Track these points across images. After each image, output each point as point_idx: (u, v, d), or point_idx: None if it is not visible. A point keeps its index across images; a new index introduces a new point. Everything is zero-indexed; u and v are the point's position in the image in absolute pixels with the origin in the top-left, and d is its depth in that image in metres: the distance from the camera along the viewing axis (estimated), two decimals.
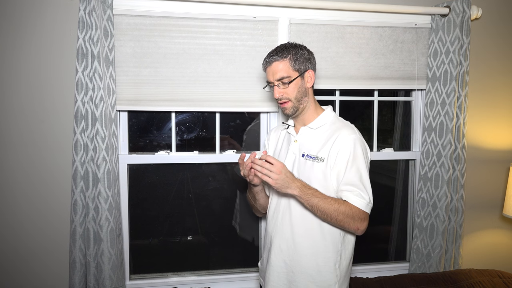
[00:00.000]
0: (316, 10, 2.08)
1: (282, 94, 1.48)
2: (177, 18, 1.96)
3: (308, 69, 1.50)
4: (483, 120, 2.36)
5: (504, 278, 2.03)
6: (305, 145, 1.52)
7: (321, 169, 1.45)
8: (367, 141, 1.56)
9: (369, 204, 1.44)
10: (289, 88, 1.47)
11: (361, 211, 1.42)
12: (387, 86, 2.20)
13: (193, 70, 2.00)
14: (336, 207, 1.39)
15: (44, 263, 1.99)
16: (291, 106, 1.50)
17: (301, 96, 1.50)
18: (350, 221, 1.40)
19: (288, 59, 1.46)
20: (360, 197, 1.41)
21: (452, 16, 2.10)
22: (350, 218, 1.40)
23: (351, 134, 1.46)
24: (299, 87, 1.48)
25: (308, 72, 1.50)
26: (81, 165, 1.85)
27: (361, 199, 1.42)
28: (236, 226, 2.34)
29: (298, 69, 1.47)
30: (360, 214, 1.41)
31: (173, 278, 2.17)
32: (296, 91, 1.48)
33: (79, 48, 1.80)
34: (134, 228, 2.16)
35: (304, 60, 1.48)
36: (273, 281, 1.54)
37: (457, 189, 2.21)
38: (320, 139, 1.50)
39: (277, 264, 1.53)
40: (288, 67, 1.46)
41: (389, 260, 2.54)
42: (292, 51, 1.47)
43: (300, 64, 1.47)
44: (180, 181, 2.26)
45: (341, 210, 1.39)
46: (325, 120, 1.53)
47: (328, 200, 1.40)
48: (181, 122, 2.24)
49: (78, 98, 1.82)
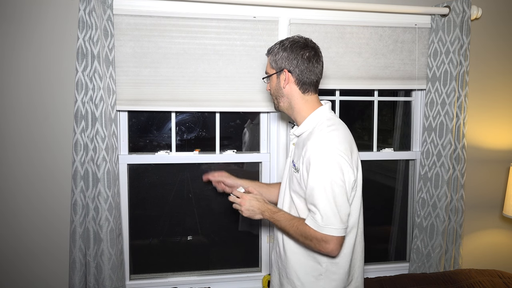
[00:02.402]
0: (316, 10, 2.08)
1: (268, 88, 1.52)
2: (177, 18, 1.96)
3: (283, 69, 1.41)
4: (483, 120, 2.36)
5: (504, 278, 2.02)
6: (296, 150, 1.47)
7: (297, 179, 1.40)
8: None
9: (322, 224, 1.28)
10: (270, 84, 1.49)
11: (317, 233, 1.29)
12: (387, 86, 2.20)
13: (193, 70, 2.00)
14: (295, 229, 1.36)
15: (44, 263, 1.99)
16: (274, 103, 1.52)
17: (278, 95, 1.46)
18: (310, 242, 1.32)
19: (271, 54, 1.45)
20: (312, 215, 1.32)
21: (452, 16, 2.10)
22: (309, 240, 1.32)
23: (316, 144, 1.32)
24: (275, 85, 1.46)
25: (283, 72, 1.41)
26: (81, 165, 1.85)
27: (311, 219, 1.31)
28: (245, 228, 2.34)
29: (275, 67, 1.44)
30: (316, 235, 1.29)
31: (173, 278, 2.17)
32: (273, 88, 1.48)
33: (79, 48, 1.80)
34: (134, 228, 2.16)
35: (281, 58, 1.41)
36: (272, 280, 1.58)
37: (457, 189, 2.21)
38: (300, 147, 1.42)
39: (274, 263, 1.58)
40: (268, 64, 1.47)
41: (389, 260, 2.54)
42: (276, 48, 1.43)
43: (277, 62, 1.43)
44: (180, 181, 2.26)
45: (300, 231, 1.34)
46: (309, 126, 1.41)
47: (290, 222, 1.38)
48: (181, 122, 2.24)
49: (78, 98, 1.82)
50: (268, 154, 2.19)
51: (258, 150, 2.25)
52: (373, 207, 2.56)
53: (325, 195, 1.28)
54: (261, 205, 1.47)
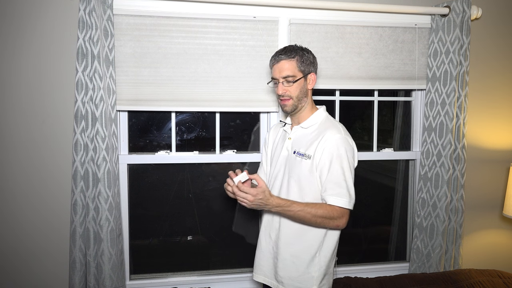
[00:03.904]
0: (316, 10, 2.08)
1: (285, 91, 1.58)
2: (177, 18, 1.96)
3: (311, 72, 1.60)
4: (483, 120, 2.36)
5: (504, 278, 2.02)
6: (297, 143, 1.62)
7: (308, 166, 1.54)
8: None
9: (350, 201, 1.51)
10: (293, 87, 1.57)
11: (340, 210, 1.50)
12: (387, 86, 2.20)
13: (193, 70, 2.00)
14: (313, 213, 1.48)
15: (44, 263, 1.99)
16: (291, 104, 1.59)
17: (302, 96, 1.59)
18: (329, 221, 1.50)
19: (296, 60, 1.56)
20: (340, 195, 1.49)
21: (452, 16, 2.10)
22: (329, 219, 1.49)
23: (336, 134, 1.53)
24: (301, 88, 1.58)
25: (311, 74, 1.60)
26: (81, 165, 1.85)
27: (341, 198, 1.49)
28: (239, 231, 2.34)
29: (303, 71, 1.57)
30: (338, 212, 1.50)
31: (173, 278, 2.17)
32: (298, 90, 1.57)
33: (79, 48, 1.80)
34: (134, 228, 2.16)
35: (309, 63, 1.58)
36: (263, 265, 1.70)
37: (457, 189, 2.21)
38: (309, 138, 1.59)
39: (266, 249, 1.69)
40: (294, 67, 1.56)
41: (389, 260, 2.54)
42: (300, 53, 1.57)
43: (305, 66, 1.57)
44: (180, 181, 2.26)
45: (319, 214, 1.48)
46: (316, 120, 1.61)
47: (305, 210, 1.48)
48: (181, 122, 2.24)
49: (78, 98, 1.82)
50: None
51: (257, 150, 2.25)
52: (373, 207, 2.56)
53: (350, 175, 1.52)
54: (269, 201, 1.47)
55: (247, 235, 2.34)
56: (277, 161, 1.68)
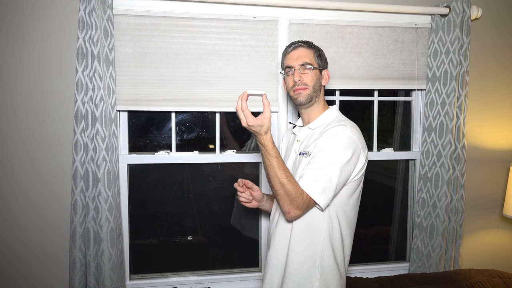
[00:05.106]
0: (316, 10, 2.09)
1: (302, 79, 1.52)
2: (177, 18, 1.96)
3: (326, 69, 1.61)
4: (483, 120, 2.36)
5: (504, 278, 2.02)
6: (304, 144, 1.57)
7: (306, 162, 1.46)
8: (367, 141, 1.56)
9: (321, 195, 1.36)
10: (309, 75, 1.53)
11: (304, 196, 1.36)
12: (387, 86, 2.20)
13: (193, 70, 2.00)
14: (282, 181, 1.34)
15: (44, 263, 1.99)
16: (307, 94, 1.52)
17: (317, 88, 1.56)
18: (286, 200, 1.36)
19: (314, 51, 1.58)
20: (313, 182, 1.36)
21: (452, 16, 2.10)
22: (289, 198, 1.35)
23: (339, 128, 1.44)
24: (317, 79, 1.56)
25: (325, 71, 1.60)
26: (81, 165, 1.85)
27: (312, 185, 1.36)
28: (236, 225, 2.34)
29: (319, 64, 1.58)
30: (300, 199, 1.35)
31: (173, 278, 2.17)
32: (315, 80, 1.54)
33: (79, 48, 1.80)
34: (134, 228, 2.16)
35: (324, 60, 1.61)
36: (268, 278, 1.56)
37: (457, 189, 2.21)
38: (314, 137, 1.52)
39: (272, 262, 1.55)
40: (312, 56, 1.56)
41: (389, 260, 2.54)
42: (316, 48, 1.60)
43: (321, 60, 1.59)
44: (180, 181, 2.26)
45: (286, 188, 1.35)
46: (325, 120, 1.56)
47: (280, 171, 1.35)
48: (181, 122, 2.24)
49: (78, 98, 1.82)
50: None
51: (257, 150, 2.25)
52: (373, 207, 2.56)
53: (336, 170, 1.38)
54: (261, 137, 1.35)
55: (244, 228, 2.34)
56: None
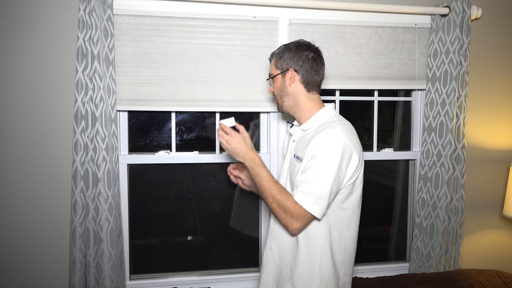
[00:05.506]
0: (316, 10, 2.08)
1: (272, 90, 1.56)
2: (177, 18, 1.96)
3: (290, 68, 1.47)
4: (483, 120, 2.36)
5: (504, 278, 2.03)
6: (298, 145, 1.51)
7: (299, 169, 1.42)
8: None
9: (314, 205, 1.32)
10: (274, 86, 1.54)
11: (297, 208, 1.32)
12: (387, 86, 2.20)
13: (193, 70, 2.00)
14: (273, 193, 1.35)
15: (44, 263, 1.99)
16: (277, 103, 1.56)
17: (282, 94, 1.51)
18: (281, 213, 1.35)
19: (276, 58, 1.52)
20: (305, 194, 1.33)
21: (452, 16, 2.10)
22: (282, 210, 1.34)
23: (328, 131, 1.38)
24: (280, 85, 1.51)
25: (290, 70, 1.47)
26: (81, 165, 1.85)
27: (305, 196, 1.32)
28: (236, 226, 2.34)
29: (280, 67, 1.50)
30: (294, 210, 1.33)
31: (173, 278, 2.17)
32: (277, 88, 1.52)
33: (79, 48, 1.80)
34: (134, 228, 2.16)
35: (287, 59, 1.48)
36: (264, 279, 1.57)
37: (457, 189, 2.21)
38: (307, 139, 1.45)
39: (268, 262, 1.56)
40: (273, 64, 1.53)
41: (389, 260, 2.54)
42: (281, 48, 1.52)
43: (282, 62, 1.49)
44: (180, 181, 2.26)
45: (277, 199, 1.34)
46: (316, 122, 1.47)
47: (270, 184, 1.37)
48: (181, 122, 2.24)
49: (78, 98, 1.82)
50: (268, 154, 2.19)
51: (257, 150, 2.25)
52: (373, 207, 2.56)
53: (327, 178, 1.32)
54: (247, 151, 1.42)
55: (243, 228, 2.34)
56: (282, 166, 1.59)
